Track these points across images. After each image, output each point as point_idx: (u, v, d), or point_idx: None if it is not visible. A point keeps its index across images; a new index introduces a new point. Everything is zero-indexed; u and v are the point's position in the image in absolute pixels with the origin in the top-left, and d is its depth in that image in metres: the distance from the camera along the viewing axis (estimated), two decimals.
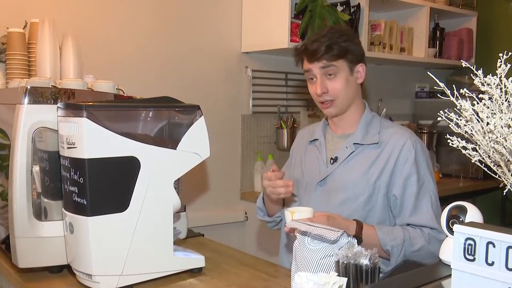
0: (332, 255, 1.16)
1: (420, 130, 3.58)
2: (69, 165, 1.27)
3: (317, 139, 1.69)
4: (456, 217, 1.06)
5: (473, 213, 1.04)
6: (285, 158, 1.91)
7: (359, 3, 2.94)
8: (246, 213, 2.90)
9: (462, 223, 0.97)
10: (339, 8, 2.91)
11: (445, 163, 3.56)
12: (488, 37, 3.91)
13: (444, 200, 1.48)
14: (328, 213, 1.41)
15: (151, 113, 1.36)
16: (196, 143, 1.40)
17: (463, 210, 1.05)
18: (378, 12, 3.43)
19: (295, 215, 1.34)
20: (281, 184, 1.52)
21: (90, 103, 1.28)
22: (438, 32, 3.71)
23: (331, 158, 1.61)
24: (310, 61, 1.56)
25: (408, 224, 1.52)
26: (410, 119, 3.86)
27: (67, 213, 1.31)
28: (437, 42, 3.70)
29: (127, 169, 1.28)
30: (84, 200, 1.24)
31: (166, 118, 1.38)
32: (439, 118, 0.90)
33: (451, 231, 1.04)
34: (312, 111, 3.11)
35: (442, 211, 1.09)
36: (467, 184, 3.37)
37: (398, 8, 3.41)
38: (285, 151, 2.92)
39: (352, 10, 2.94)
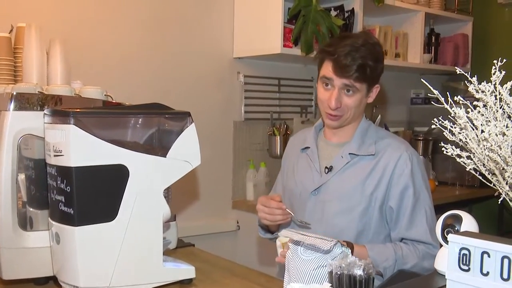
0: (325, 266, 1.16)
1: (415, 137, 3.61)
2: (55, 174, 1.27)
3: (309, 147, 1.69)
4: (451, 226, 1.06)
5: (468, 222, 1.05)
6: (278, 165, 1.92)
7: (353, 8, 2.97)
8: (238, 222, 2.89)
9: (457, 232, 0.98)
10: (333, 13, 2.93)
11: (441, 171, 3.58)
12: (484, 43, 3.96)
13: (440, 209, 1.49)
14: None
15: (140, 120, 1.36)
16: (186, 151, 1.40)
17: (458, 219, 1.06)
18: (372, 17, 3.46)
19: (286, 246, 1.34)
20: (279, 212, 1.53)
21: (78, 110, 1.28)
22: (433, 38, 3.75)
23: (326, 167, 1.61)
24: (336, 74, 1.52)
25: (402, 239, 1.53)
26: (405, 125, 3.88)
27: (53, 222, 1.30)
28: (432, 47, 3.73)
29: (115, 177, 1.28)
30: (71, 209, 1.24)
31: (155, 125, 1.38)
32: (433, 126, 0.91)
33: (446, 241, 1.05)
34: (306, 117, 3.13)
35: (437, 220, 1.09)
36: (463, 192, 3.39)
37: (393, 13, 3.44)
38: (277, 158, 2.92)
39: (346, 15, 2.96)
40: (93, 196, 1.25)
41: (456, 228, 1.05)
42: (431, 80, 3.94)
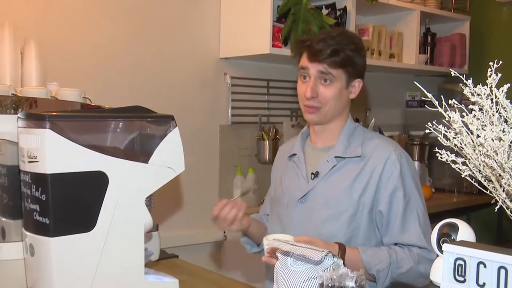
0: (316, 277, 1.17)
1: (411, 141, 3.63)
2: (30, 181, 1.26)
3: (295, 154, 1.70)
4: (447, 235, 1.07)
5: (465, 231, 1.06)
6: (266, 171, 1.93)
7: (345, 6, 2.99)
8: (224, 232, 2.89)
9: (453, 241, 0.99)
10: (324, 12, 2.95)
11: (437, 177, 3.61)
12: (481, 43, 4.00)
13: (436, 217, 1.50)
14: (308, 237, 1.41)
15: (120, 124, 1.36)
16: (169, 157, 1.40)
17: (455, 227, 1.07)
18: (365, 16, 3.49)
19: (271, 248, 1.34)
20: (227, 210, 1.57)
21: (54, 113, 1.27)
22: (429, 37, 3.79)
23: (312, 173, 1.63)
24: (310, 60, 1.57)
25: (396, 244, 1.54)
26: (400, 129, 3.91)
27: (28, 233, 1.29)
28: (428, 48, 3.78)
29: (94, 185, 1.28)
30: (46, 219, 1.23)
31: (137, 130, 1.38)
32: (427, 131, 0.92)
33: (441, 250, 1.06)
34: (296, 121, 3.14)
35: (433, 229, 1.11)
36: (461, 199, 3.43)
37: (387, 12, 3.47)
38: (266, 164, 2.93)
39: (338, 13, 2.98)
40: (70, 205, 1.25)
41: (452, 237, 1.06)
42: (427, 82, 4.01)
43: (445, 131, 0.89)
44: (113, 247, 1.30)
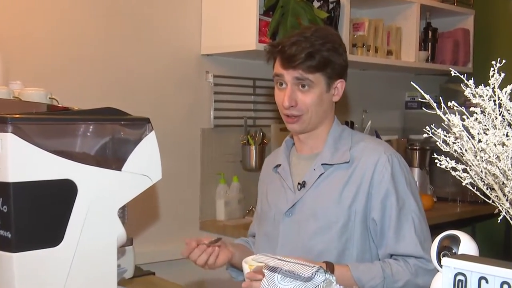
0: None
1: (410, 146, 3.66)
2: None
3: (280, 165, 1.71)
4: (448, 248, 1.09)
5: (467, 243, 1.07)
6: (252, 179, 1.94)
7: None
8: None
9: (454, 255, 1.01)
10: (316, 4, 2.97)
11: (440, 185, 3.63)
12: (487, 39, 4.04)
13: (438, 228, 1.51)
14: (292, 257, 1.41)
15: (91, 127, 1.36)
16: (145, 163, 1.40)
17: (456, 240, 1.08)
18: (361, 9, 3.52)
19: (255, 268, 1.35)
20: (197, 254, 1.59)
21: (17, 116, 1.27)
22: (430, 33, 3.82)
23: (299, 183, 1.64)
24: (284, 67, 1.58)
25: (391, 256, 1.55)
26: (399, 133, 3.93)
27: None
28: (429, 44, 3.81)
29: (61, 194, 1.28)
30: (8, 232, 1.23)
31: (109, 134, 1.38)
32: (425, 135, 0.94)
33: (442, 265, 1.07)
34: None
35: (433, 241, 1.12)
36: (465, 209, 3.45)
37: (384, 5, 3.50)
38: (252, 171, 2.94)
39: (330, 6, 3.01)
40: (34, 216, 1.25)
41: (453, 251, 1.08)
42: (427, 81, 4.04)
43: (444, 135, 0.91)
44: (82, 264, 1.30)
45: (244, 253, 1.76)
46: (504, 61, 0.91)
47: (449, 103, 0.92)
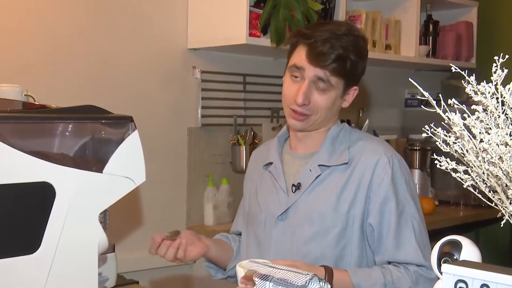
0: None
1: (410, 146, 3.67)
2: None
3: (272, 163, 1.71)
4: (449, 254, 1.10)
5: (469, 249, 1.08)
6: (243, 182, 1.94)
7: None
8: None
9: (455, 261, 1.02)
10: None
11: (441, 187, 3.64)
12: (491, 33, 4.06)
13: (440, 234, 1.52)
14: (288, 261, 1.42)
15: (70, 126, 1.36)
16: (128, 165, 1.40)
17: (458, 246, 1.09)
18: (357, 1, 3.53)
19: (247, 272, 1.35)
20: (163, 250, 1.62)
21: None
22: (431, 26, 3.84)
23: (293, 185, 1.64)
24: (310, 62, 1.56)
25: (389, 263, 1.56)
26: (398, 132, 3.95)
27: None
28: (430, 38, 3.83)
29: (37, 198, 1.28)
30: None
31: (89, 133, 1.38)
32: (424, 134, 0.95)
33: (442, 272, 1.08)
34: (278, 123, 3.16)
35: (433, 247, 1.13)
36: (468, 214, 3.47)
37: None
38: (243, 173, 2.91)
39: None
40: (9, 222, 1.24)
41: (454, 257, 1.09)
42: (428, 78, 4.06)
43: (445, 135, 0.92)
44: (61, 272, 1.30)
45: (222, 248, 1.77)
46: (507, 56, 0.92)
47: (449, 101, 0.93)
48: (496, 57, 0.91)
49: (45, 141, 1.34)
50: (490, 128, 0.90)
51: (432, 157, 3.65)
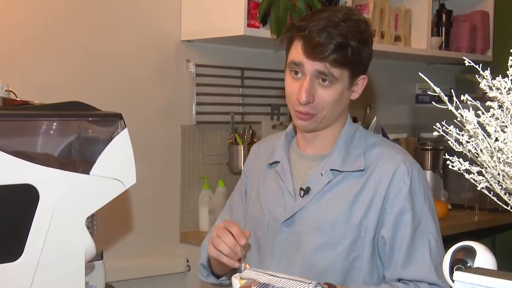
0: None
1: (421, 146, 3.66)
2: None
3: (278, 162, 1.70)
4: (462, 261, 1.10)
5: (483, 256, 1.09)
6: None
7: None
8: (188, 261, 2.90)
9: (469, 269, 1.02)
10: None
11: (455, 190, 3.63)
12: (509, 23, 4.03)
13: (453, 240, 1.52)
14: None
15: (54, 124, 1.36)
16: (117, 166, 1.40)
17: (471, 252, 1.10)
18: None
19: (245, 282, 1.36)
20: (230, 242, 1.50)
21: None
22: (444, 16, 3.84)
23: (301, 189, 1.62)
24: (307, 56, 1.54)
25: (399, 280, 1.55)
26: (408, 131, 3.95)
27: None
28: (443, 29, 3.82)
29: (20, 201, 1.28)
30: None
31: (75, 132, 1.39)
32: (435, 133, 0.95)
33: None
34: (278, 120, 3.16)
35: (446, 253, 1.13)
36: (484, 218, 3.45)
37: None
38: (240, 175, 2.94)
39: None
40: None
41: (468, 264, 1.09)
42: (441, 72, 4.06)
43: (457, 133, 0.92)
44: (45, 281, 1.30)
45: None
46: None
47: (462, 97, 0.93)
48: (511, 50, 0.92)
49: (27, 140, 1.34)
50: (506, 126, 0.90)
51: (444, 157, 3.64)
